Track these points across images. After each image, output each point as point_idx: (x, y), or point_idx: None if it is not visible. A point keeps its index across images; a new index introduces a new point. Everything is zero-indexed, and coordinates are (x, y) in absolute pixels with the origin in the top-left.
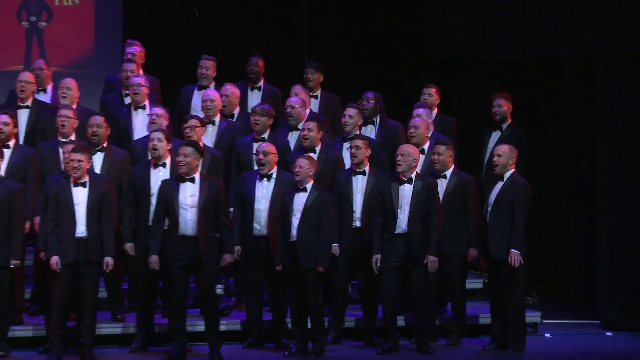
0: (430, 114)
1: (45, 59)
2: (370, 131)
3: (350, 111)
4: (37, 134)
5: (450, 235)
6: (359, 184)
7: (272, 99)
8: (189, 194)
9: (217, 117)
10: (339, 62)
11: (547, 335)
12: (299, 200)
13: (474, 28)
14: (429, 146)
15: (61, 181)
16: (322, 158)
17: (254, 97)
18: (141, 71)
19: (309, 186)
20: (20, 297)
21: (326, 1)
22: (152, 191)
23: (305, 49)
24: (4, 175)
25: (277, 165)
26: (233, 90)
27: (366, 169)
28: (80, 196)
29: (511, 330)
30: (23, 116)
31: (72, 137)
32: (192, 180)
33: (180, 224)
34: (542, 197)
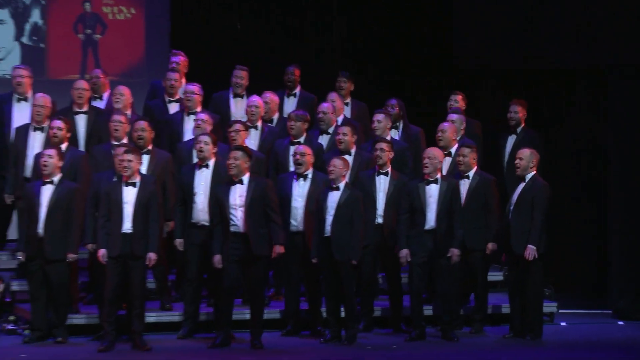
0: (463, 119)
1: (101, 69)
2: (394, 136)
3: (379, 116)
4: (93, 137)
5: (473, 231)
6: (381, 183)
7: (308, 105)
8: (238, 194)
9: (259, 123)
10: (369, 71)
11: (563, 324)
12: (332, 198)
13: (496, 41)
14: (456, 149)
15: (112, 180)
16: (357, 160)
17: (290, 104)
18: (184, 79)
19: (341, 185)
20: (76, 287)
21: (358, 14)
22: (196, 190)
23: (338, 60)
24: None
25: (312, 166)
26: (272, 98)
27: (388, 169)
28: (129, 195)
29: (530, 319)
30: (81, 121)
31: (125, 141)
32: (241, 182)
33: (232, 222)
34: (558, 199)
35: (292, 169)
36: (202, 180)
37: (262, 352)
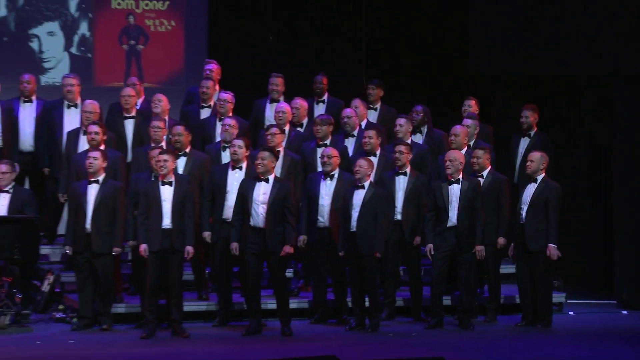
0: (477, 124)
1: (141, 77)
2: (418, 139)
3: (401, 121)
4: (138, 140)
5: (485, 227)
6: (401, 183)
7: (335, 110)
8: (261, 192)
9: (286, 127)
10: (395, 78)
11: (571, 313)
12: (358, 196)
13: (510, 48)
14: (466, 151)
15: (150, 180)
16: (382, 161)
17: (318, 109)
18: (217, 86)
19: (366, 184)
20: (120, 279)
21: (383, 24)
22: (228, 189)
23: (364, 68)
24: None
25: (338, 166)
26: (302, 103)
27: (407, 170)
28: (166, 193)
29: (540, 309)
30: (129, 125)
31: (163, 144)
32: (267, 181)
33: (252, 217)
34: (567, 197)
35: (320, 169)
36: (235, 180)
37: (292, 339)
